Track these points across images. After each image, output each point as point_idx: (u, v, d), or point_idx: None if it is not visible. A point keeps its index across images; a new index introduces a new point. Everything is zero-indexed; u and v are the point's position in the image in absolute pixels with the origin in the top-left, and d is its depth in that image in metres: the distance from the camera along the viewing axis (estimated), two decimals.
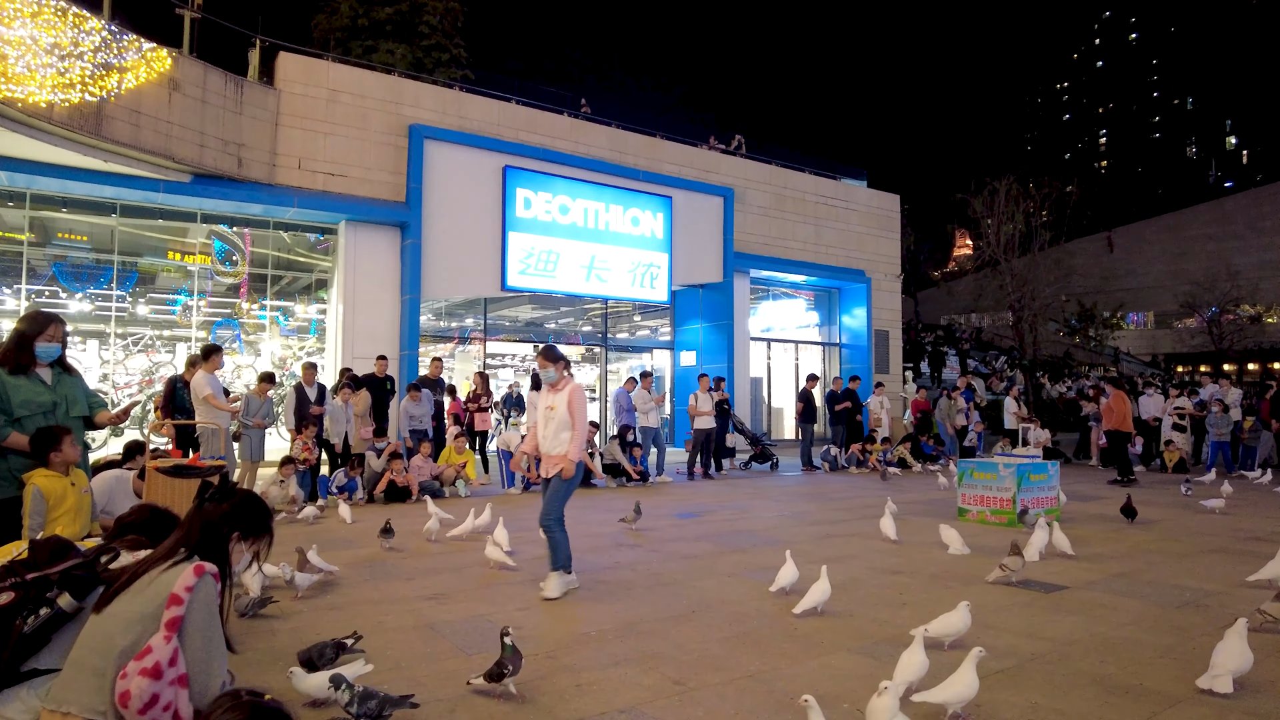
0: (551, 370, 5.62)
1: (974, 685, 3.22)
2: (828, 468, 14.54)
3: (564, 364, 5.74)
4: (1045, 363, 29.95)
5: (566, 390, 5.54)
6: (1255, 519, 8.69)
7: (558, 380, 5.62)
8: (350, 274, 14.06)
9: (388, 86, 14.84)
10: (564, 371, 5.68)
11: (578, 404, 5.49)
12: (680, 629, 4.55)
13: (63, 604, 2.62)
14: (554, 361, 5.65)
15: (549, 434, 5.54)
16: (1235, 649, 3.62)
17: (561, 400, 5.52)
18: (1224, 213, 50.54)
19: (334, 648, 3.81)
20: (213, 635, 2.43)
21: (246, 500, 2.78)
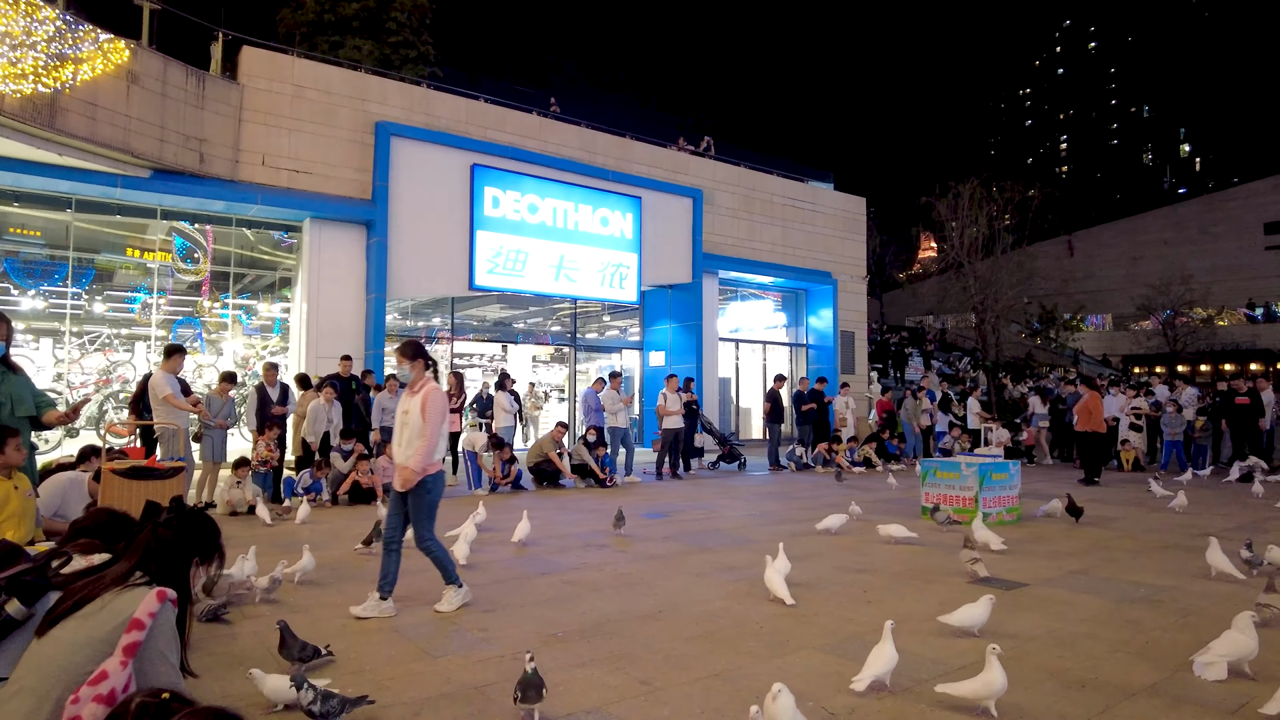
0: (407, 367, 5.02)
1: (1001, 681, 3.28)
2: (794, 467, 14.66)
3: (424, 362, 5.06)
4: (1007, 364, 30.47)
5: (422, 393, 4.90)
6: (1208, 516, 8.93)
7: (415, 380, 5.00)
8: (315, 272, 13.87)
9: (354, 83, 14.66)
10: (425, 371, 5.03)
11: (432, 409, 4.83)
12: (647, 629, 4.55)
13: (11, 610, 2.54)
14: (410, 358, 5.00)
15: (403, 441, 4.91)
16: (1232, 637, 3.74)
17: (416, 404, 4.88)
18: (1178, 218, 51.84)
19: (313, 649, 3.82)
20: (173, 662, 2.37)
21: (200, 522, 2.72)
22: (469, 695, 3.53)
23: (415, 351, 5.03)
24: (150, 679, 2.27)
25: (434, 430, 4.82)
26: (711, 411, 17.94)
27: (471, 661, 3.98)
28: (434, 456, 4.88)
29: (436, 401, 4.87)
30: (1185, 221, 50.91)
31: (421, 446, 4.79)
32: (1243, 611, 3.87)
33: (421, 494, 4.86)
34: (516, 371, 18.13)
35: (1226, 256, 47.60)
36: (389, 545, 4.89)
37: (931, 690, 3.62)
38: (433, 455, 4.87)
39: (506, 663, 3.96)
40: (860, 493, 10.26)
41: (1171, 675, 3.84)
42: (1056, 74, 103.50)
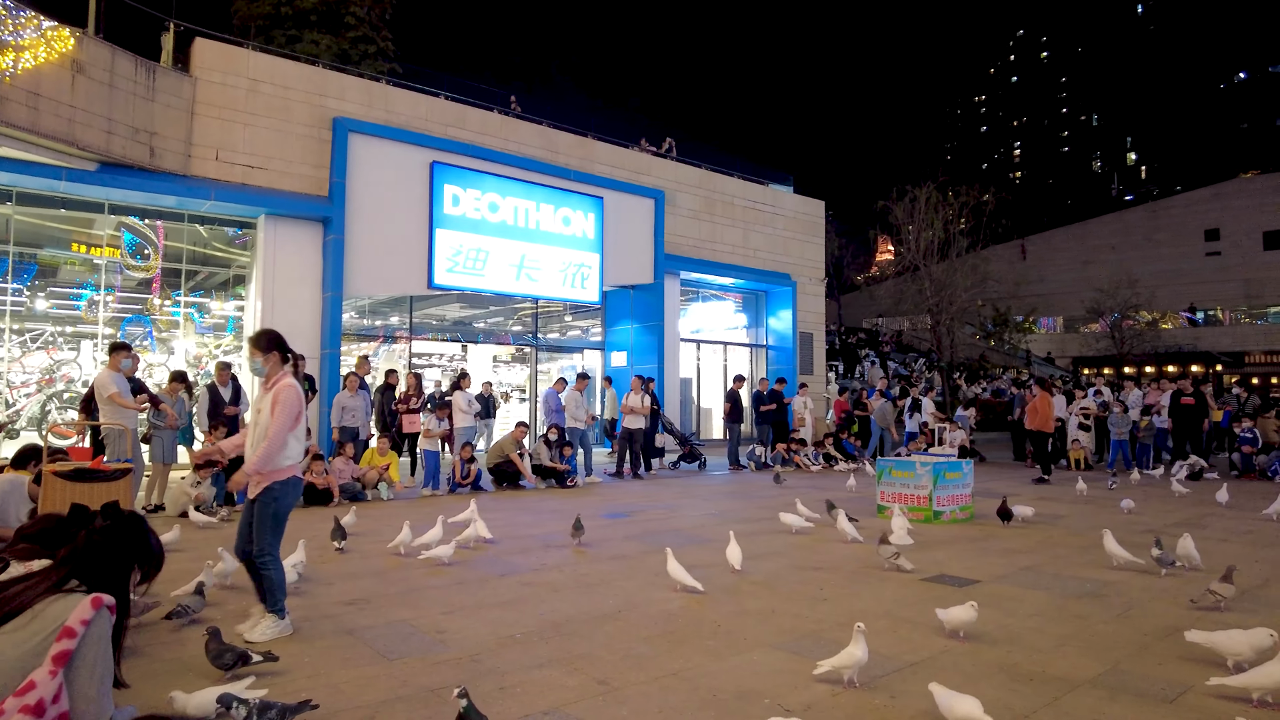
0: (260, 360, 4.55)
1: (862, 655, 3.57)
2: (754, 467, 14.78)
3: (281, 355, 4.58)
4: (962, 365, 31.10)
5: (275, 389, 4.45)
6: (1153, 513, 9.21)
7: (270, 375, 4.54)
8: (270, 270, 13.59)
9: (311, 77, 14.41)
10: (283, 365, 4.57)
11: (282, 407, 4.36)
12: (606, 629, 4.56)
13: None
14: (264, 351, 4.52)
15: (252, 441, 4.47)
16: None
17: (268, 402, 4.43)
18: (1125, 224, 53.46)
19: (236, 655, 3.66)
20: (104, 672, 2.29)
21: (136, 527, 2.66)
22: (425, 698, 3.50)
23: (269, 343, 4.54)
24: (81, 689, 2.21)
25: (279, 430, 4.34)
26: (673, 412, 18.01)
27: (428, 664, 3.95)
28: (281, 460, 4.40)
29: (287, 399, 4.39)
30: (1132, 227, 52.52)
31: (264, 448, 4.33)
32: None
33: (268, 502, 4.38)
34: (476, 371, 18.00)
35: (1170, 262, 49.21)
36: (244, 560, 4.48)
37: (887, 684, 3.68)
38: (276, 458, 4.37)
39: (464, 665, 3.93)
40: (819, 492, 10.37)
41: (1114, 667, 3.96)
42: (1010, 82, 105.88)
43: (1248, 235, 47.86)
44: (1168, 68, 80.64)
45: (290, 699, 3.15)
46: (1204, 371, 39.45)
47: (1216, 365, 42.59)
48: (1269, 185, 49.02)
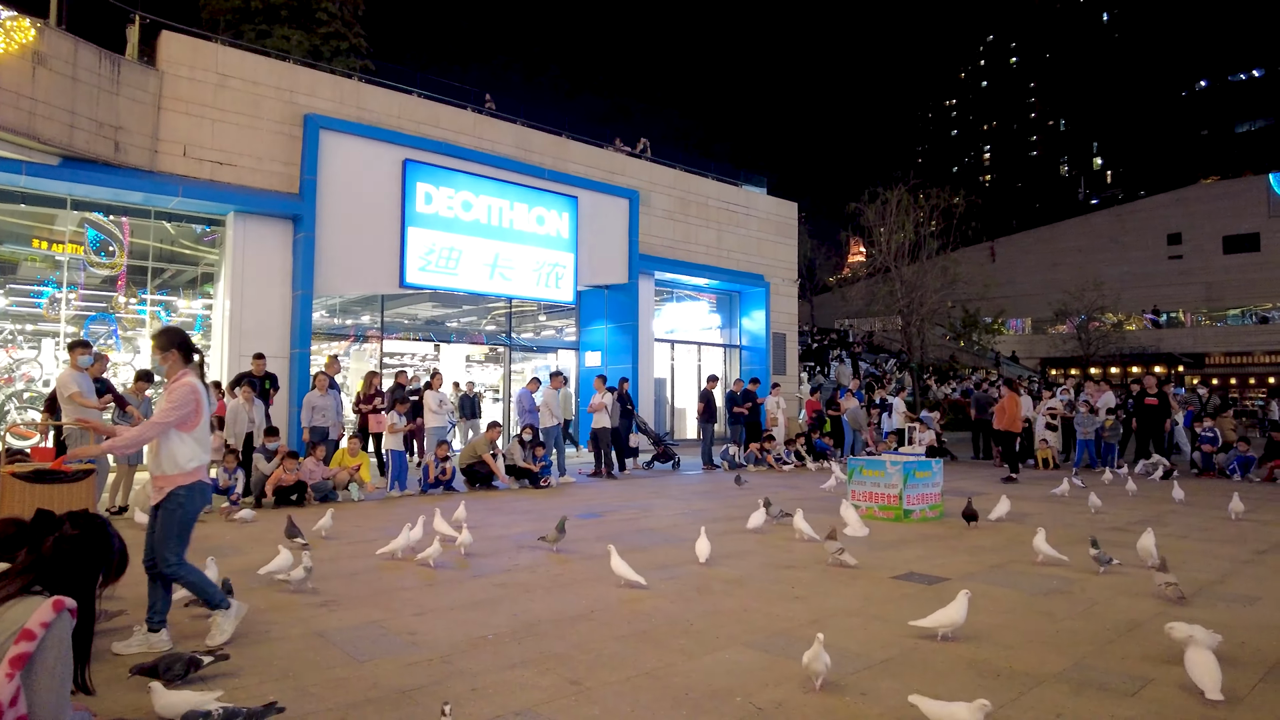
0: (158, 360, 4.29)
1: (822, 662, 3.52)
2: (727, 466, 14.84)
3: (182, 354, 4.26)
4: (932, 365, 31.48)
5: (172, 389, 4.17)
6: (1117, 510, 9.39)
7: (170, 375, 4.24)
8: (239, 268, 13.41)
9: (282, 73, 14.23)
10: (186, 363, 4.27)
11: (167, 400, 4.10)
12: (579, 629, 4.55)
13: None
14: (164, 349, 4.25)
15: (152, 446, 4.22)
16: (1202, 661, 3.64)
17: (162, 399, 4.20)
18: (1091, 227, 54.50)
19: (186, 662, 3.55)
20: (64, 675, 2.25)
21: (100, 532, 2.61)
22: (396, 700, 3.48)
23: (169, 341, 4.26)
24: (40, 692, 2.17)
25: (152, 424, 4.06)
26: (647, 412, 18.03)
27: (399, 666, 3.92)
28: (184, 462, 4.13)
29: (177, 396, 4.10)
30: (1098, 231, 53.55)
31: (130, 434, 4.13)
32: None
33: (172, 508, 4.13)
34: (452, 372, 17.90)
35: (1134, 265, 50.26)
36: (149, 570, 4.20)
37: (857, 682, 3.72)
38: (134, 446, 4.10)
39: (435, 666, 3.91)
40: (792, 491, 10.44)
41: (1078, 662, 4.03)
42: (981, 86, 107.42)
43: (1208, 239, 49.02)
44: (1132, 75, 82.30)
45: (258, 702, 3.12)
46: (1166, 372, 40.35)
47: (1178, 366, 43.55)
48: (1228, 191, 50.28)
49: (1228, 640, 4.39)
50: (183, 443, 4.15)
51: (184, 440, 4.16)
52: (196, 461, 4.18)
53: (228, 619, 4.22)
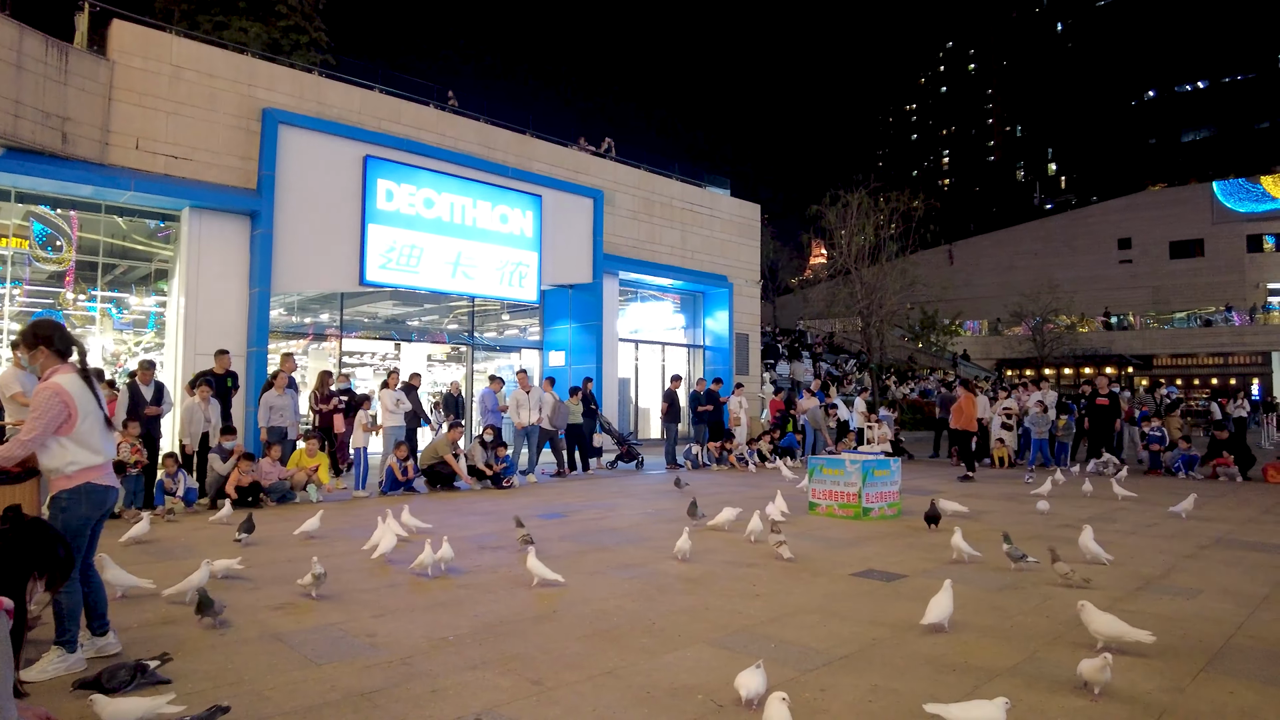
0: (26, 358, 4.01)
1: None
2: (690, 466, 14.91)
3: (53, 350, 3.91)
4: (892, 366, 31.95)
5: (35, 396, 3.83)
6: (1069, 508, 9.63)
7: (42, 372, 3.92)
8: (194, 264, 13.10)
9: (239, 66, 13.94)
10: (60, 359, 3.93)
11: (34, 413, 3.74)
12: (541, 629, 4.55)
13: None
14: (28, 346, 3.92)
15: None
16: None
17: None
18: (1046, 231, 55.79)
19: (131, 670, 3.47)
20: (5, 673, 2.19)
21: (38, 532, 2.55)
22: (355, 703, 3.44)
23: (34, 337, 3.90)
24: None
25: (14, 444, 3.74)
26: (610, 411, 18.03)
27: (358, 668, 3.88)
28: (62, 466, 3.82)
29: (37, 407, 3.74)
30: (1053, 235, 54.81)
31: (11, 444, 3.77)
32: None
33: (54, 513, 3.82)
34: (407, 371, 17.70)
35: (1087, 268, 51.55)
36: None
37: (816, 678, 3.77)
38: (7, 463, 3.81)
39: (395, 668, 3.87)
40: (752, 489, 10.53)
41: (1031, 656, 4.13)
42: (940, 92, 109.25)
43: (1156, 244, 50.48)
44: (1085, 84, 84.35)
45: None
46: (1117, 373, 41.51)
47: (1128, 368, 44.79)
48: (1174, 198, 51.83)
49: (1171, 632, 4.55)
50: (62, 447, 3.82)
51: (62, 445, 3.82)
52: (77, 465, 3.84)
53: (59, 661, 3.76)
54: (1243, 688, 3.70)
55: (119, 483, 4.48)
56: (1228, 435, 14.32)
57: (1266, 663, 4.06)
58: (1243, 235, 48.20)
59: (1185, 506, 8.89)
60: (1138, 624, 4.53)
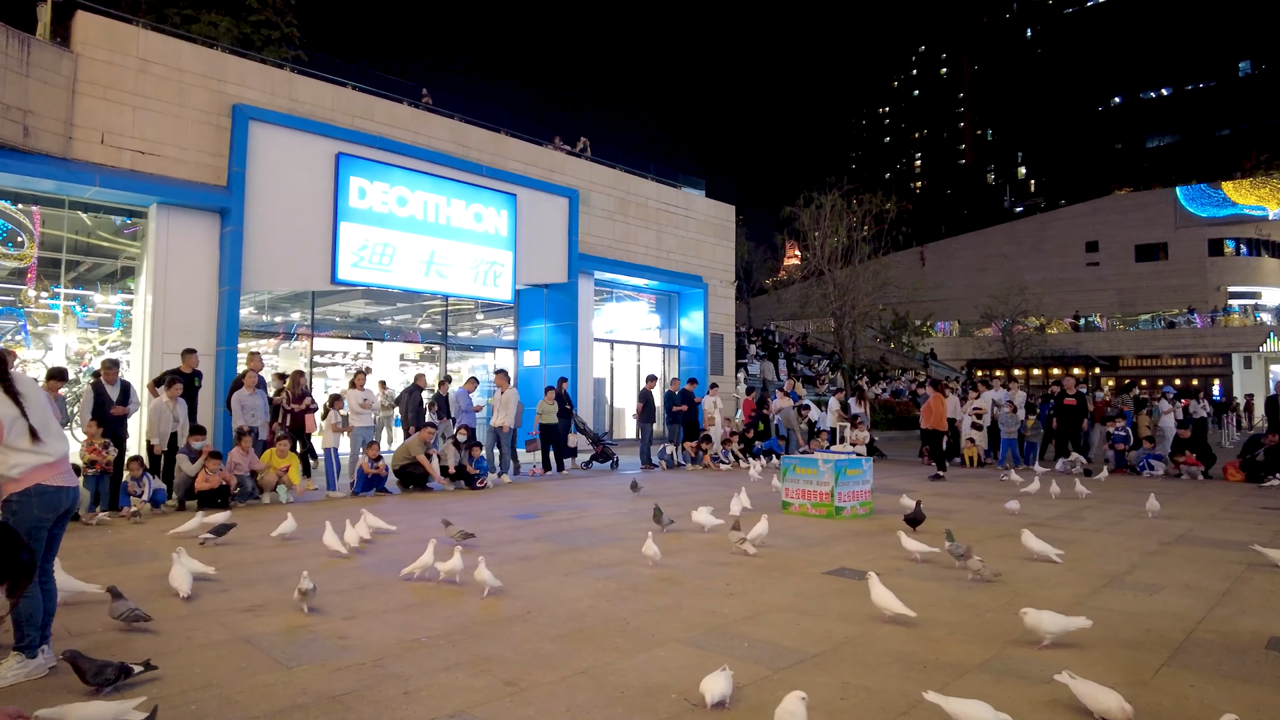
0: None
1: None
2: (665, 466, 14.94)
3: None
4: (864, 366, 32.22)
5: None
6: (1035, 506, 9.78)
7: None
8: (162, 262, 12.87)
9: (209, 61, 13.72)
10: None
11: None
12: (514, 630, 4.53)
13: None
14: None
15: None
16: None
17: None
18: (1016, 234, 56.65)
19: (116, 670, 3.45)
20: None
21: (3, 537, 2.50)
22: (326, 705, 3.41)
23: None
24: None
25: None
26: (586, 411, 18.00)
27: (329, 671, 3.84)
28: (7, 469, 3.70)
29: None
30: (1022, 237, 55.64)
31: None
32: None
33: (4, 517, 3.71)
34: (380, 370, 17.57)
35: (1056, 271, 52.40)
36: None
37: (789, 677, 3.80)
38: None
39: (367, 670, 3.84)
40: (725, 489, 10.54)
41: (1000, 652, 4.19)
42: (912, 95, 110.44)
43: (1122, 248, 51.44)
44: (1053, 89, 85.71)
45: (181, 712, 3.02)
46: (1085, 374, 42.24)
47: (1095, 368, 45.59)
48: (1139, 202, 52.86)
49: (1135, 627, 4.65)
50: (3, 453, 3.71)
51: (3, 451, 3.71)
52: (22, 467, 3.71)
53: (19, 668, 3.66)
54: (1203, 681, 3.79)
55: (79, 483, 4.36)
56: (1190, 434, 14.63)
57: (1225, 657, 4.16)
58: (1204, 239, 49.26)
59: (1151, 506, 8.95)
60: (1102, 620, 4.65)
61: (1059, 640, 4.24)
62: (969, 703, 3.14)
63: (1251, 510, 9.80)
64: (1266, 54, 71.36)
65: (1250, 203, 48.60)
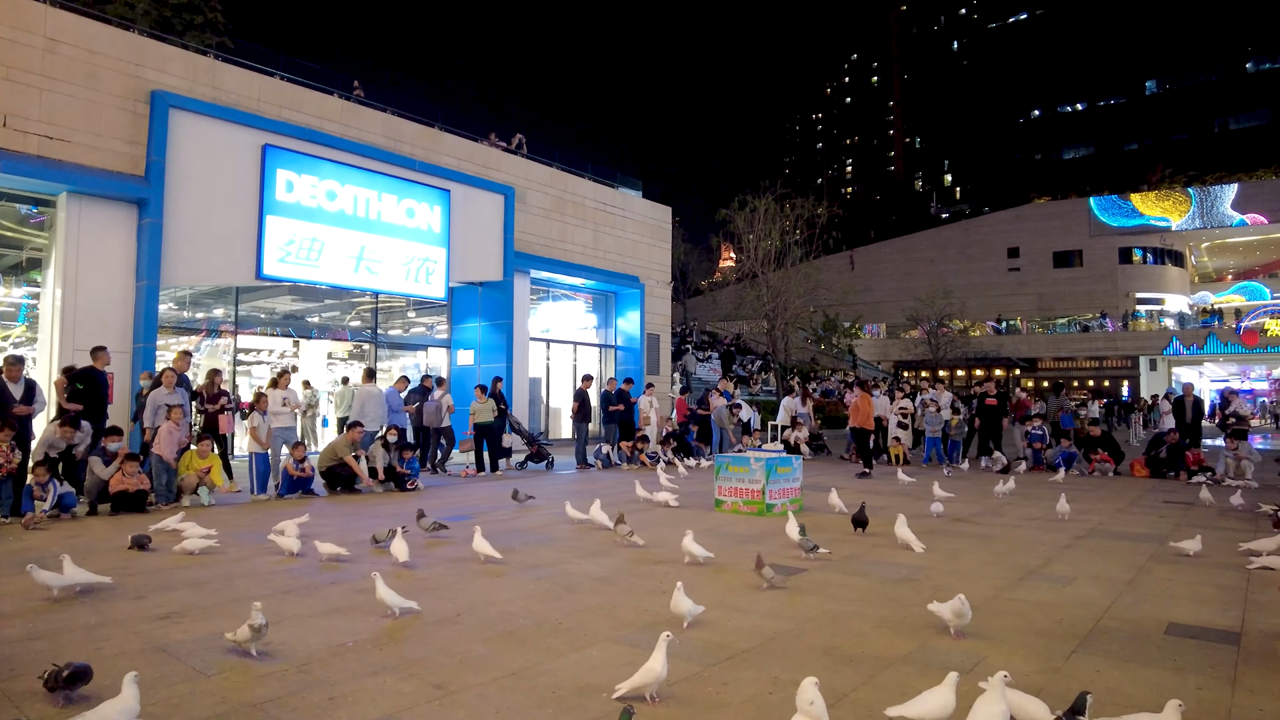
0: None
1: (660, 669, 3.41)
2: (600, 465, 14.93)
3: None
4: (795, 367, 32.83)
5: None
6: (960, 504, 10.11)
7: None
8: (73, 253, 12.24)
9: (125, 43, 13.12)
10: None
11: None
12: (443, 633, 4.47)
13: None
14: None
15: None
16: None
17: None
18: (942, 240, 58.52)
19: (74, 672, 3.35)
20: None
21: None
22: (247, 713, 3.30)
23: None
24: None
25: None
26: (521, 411, 17.86)
27: (251, 678, 3.72)
28: None
29: None
30: (948, 243, 57.49)
31: None
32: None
33: None
34: (306, 369, 17.13)
35: (979, 275, 54.32)
36: None
37: (718, 673, 3.84)
38: None
39: (290, 676, 3.73)
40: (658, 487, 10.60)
41: (923, 645, 4.33)
42: (845, 102, 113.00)
43: (1041, 254, 53.65)
44: (978, 100, 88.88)
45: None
46: (1005, 375, 43.90)
47: (1015, 369, 47.45)
48: (1057, 211, 55.24)
49: (1049, 617, 4.86)
50: None
51: None
52: None
53: None
54: (1108, 666, 3.99)
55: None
56: (1101, 433, 15.34)
57: (1128, 643, 4.38)
58: (1116, 248, 51.77)
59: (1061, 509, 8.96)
60: (1021, 611, 4.91)
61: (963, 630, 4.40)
62: (923, 698, 3.22)
63: (1155, 505, 10.34)
64: (1170, 74, 75.46)
65: (1156, 214, 51.29)
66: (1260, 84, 70.12)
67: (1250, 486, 11.95)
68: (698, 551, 6.24)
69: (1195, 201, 50.91)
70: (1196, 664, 4.06)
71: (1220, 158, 62.99)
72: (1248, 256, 56.51)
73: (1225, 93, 71.39)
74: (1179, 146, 69.70)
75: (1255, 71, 71.18)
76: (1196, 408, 15.82)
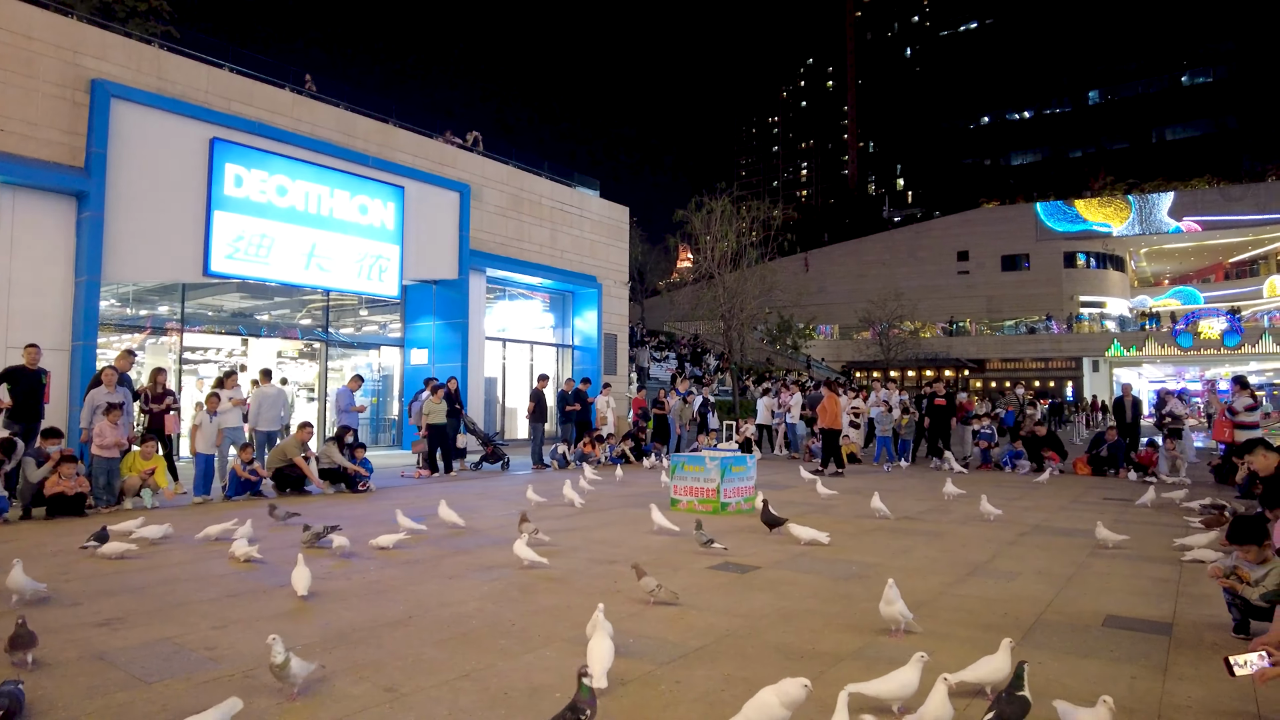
0: None
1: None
2: (557, 465, 14.88)
3: None
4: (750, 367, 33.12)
5: None
6: (907, 500, 10.32)
7: None
8: (5, 248, 11.78)
9: (63, 30, 12.67)
10: None
11: None
12: (395, 635, 4.41)
13: None
14: None
15: None
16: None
17: None
18: (894, 242, 59.61)
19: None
20: None
21: None
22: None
23: None
24: None
25: None
26: (477, 411, 17.71)
27: (194, 685, 3.63)
28: None
29: None
30: (899, 246, 58.56)
31: None
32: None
33: None
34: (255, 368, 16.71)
35: (930, 278, 55.43)
36: None
37: (671, 671, 3.86)
38: None
39: (237, 682, 3.65)
40: (624, 487, 10.63)
41: (873, 640, 4.41)
42: (800, 106, 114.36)
43: (989, 257, 54.96)
44: (930, 105, 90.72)
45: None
46: (955, 375, 44.84)
47: (964, 370, 48.51)
48: (1004, 215, 56.67)
49: (994, 611, 4.99)
50: None
51: None
52: None
53: None
54: (1049, 659, 4.11)
55: None
56: (1046, 433, 15.79)
57: (1069, 635, 4.53)
58: (1061, 252, 53.29)
59: (985, 509, 8.93)
60: (968, 606, 5.02)
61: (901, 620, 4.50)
62: (887, 679, 3.35)
63: (1096, 501, 10.69)
64: (1111, 85, 77.93)
65: (1098, 220, 52.94)
66: (1196, 97, 72.79)
67: (1184, 484, 12.41)
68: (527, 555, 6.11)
69: (1135, 208, 52.69)
70: (1131, 654, 4.21)
71: (1158, 166, 65.23)
72: (1183, 262, 58.73)
73: (1163, 104, 73.93)
74: (1120, 155, 72.02)
75: (1191, 85, 73.85)
76: (1135, 408, 16.37)
